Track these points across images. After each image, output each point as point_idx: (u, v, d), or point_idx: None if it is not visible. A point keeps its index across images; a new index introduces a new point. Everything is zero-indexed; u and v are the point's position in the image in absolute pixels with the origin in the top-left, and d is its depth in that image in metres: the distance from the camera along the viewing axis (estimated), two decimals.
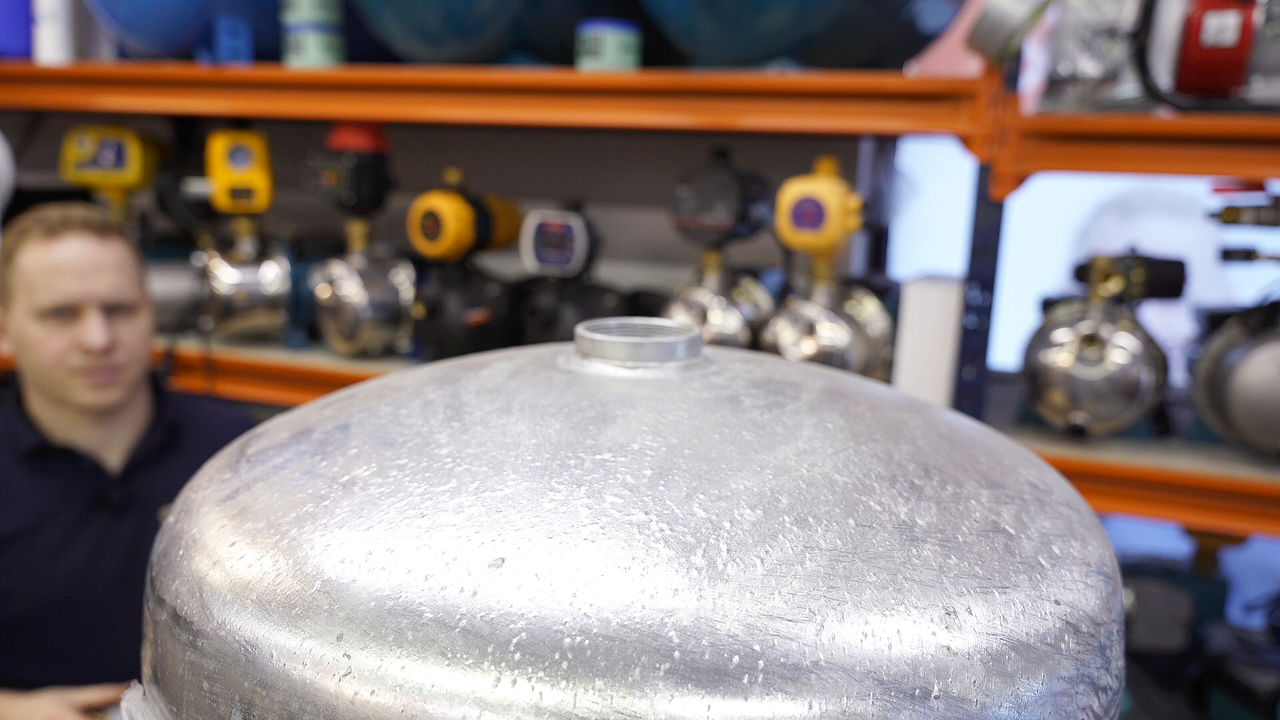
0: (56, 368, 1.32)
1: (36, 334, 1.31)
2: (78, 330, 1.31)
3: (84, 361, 1.31)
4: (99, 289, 1.32)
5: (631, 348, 0.54)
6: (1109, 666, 0.41)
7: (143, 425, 1.43)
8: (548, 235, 1.61)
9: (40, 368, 1.33)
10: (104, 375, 1.33)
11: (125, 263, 1.36)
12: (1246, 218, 1.31)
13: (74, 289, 1.30)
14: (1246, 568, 1.76)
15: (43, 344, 1.31)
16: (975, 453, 0.51)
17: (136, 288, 1.38)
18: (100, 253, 1.33)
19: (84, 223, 1.34)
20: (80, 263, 1.31)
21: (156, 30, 1.75)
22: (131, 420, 1.41)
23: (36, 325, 1.31)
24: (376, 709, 0.35)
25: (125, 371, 1.35)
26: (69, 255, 1.31)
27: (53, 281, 1.30)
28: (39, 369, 1.33)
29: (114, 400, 1.35)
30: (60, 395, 1.33)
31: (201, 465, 0.53)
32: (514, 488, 0.42)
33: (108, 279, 1.33)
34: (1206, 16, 1.21)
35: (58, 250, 1.31)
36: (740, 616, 0.36)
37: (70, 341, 1.31)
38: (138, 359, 1.37)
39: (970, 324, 1.38)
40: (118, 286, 1.33)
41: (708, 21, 1.41)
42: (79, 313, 1.31)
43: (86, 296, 1.31)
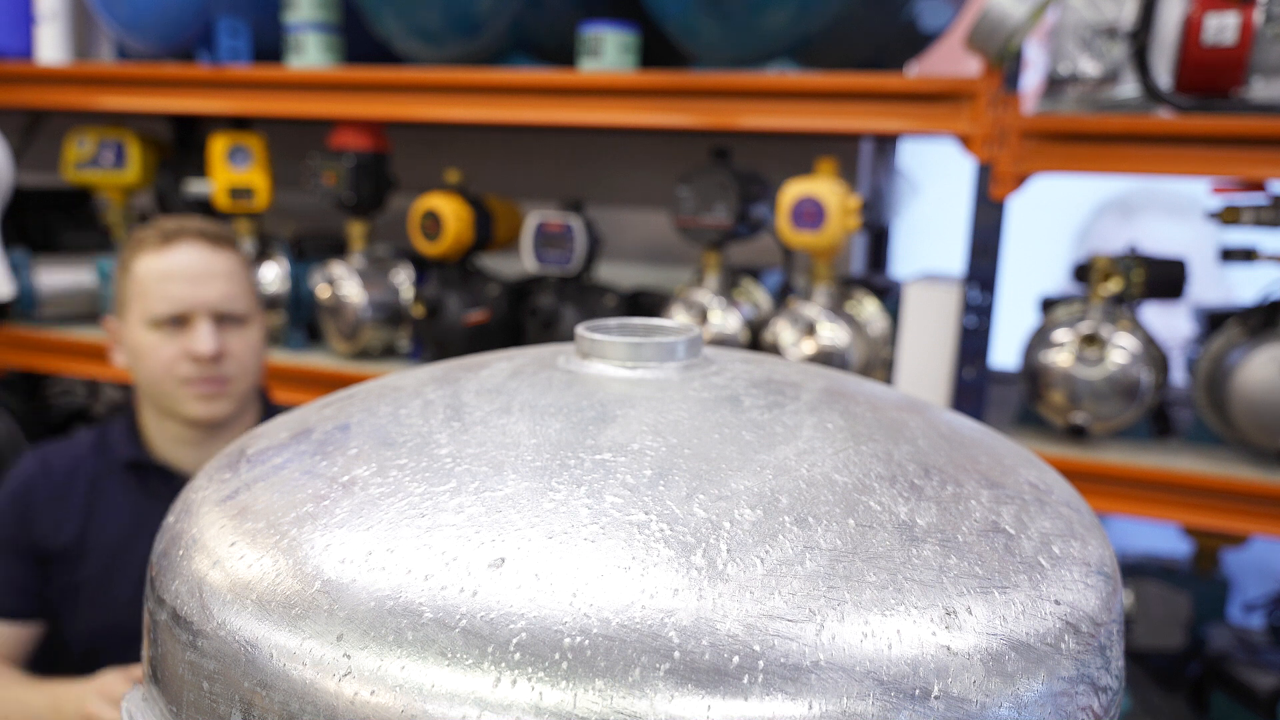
0: (166, 377, 1.30)
1: (149, 342, 1.31)
2: (187, 339, 1.30)
3: (193, 371, 1.30)
4: (209, 297, 1.31)
5: (631, 348, 0.54)
6: (1109, 666, 0.41)
7: None
8: (548, 235, 1.61)
9: (151, 377, 1.32)
10: (212, 385, 1.31)
11: (236, 272, 1.35)
12: (1246, 218, 1.31)
13: (184, 295, 1.30)
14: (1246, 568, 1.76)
15: (154, 352, 1.30)
16: (975, 453, 0.51)
17: (248, 299, 1.36)
18: (212, 261, 1.32)
19: (198, 231, 1.33)
20: (192, 270, 1.31)
21: (156, 30, 1.75)
22: (235, 439, 1.39)
23: (149, 334, 1.31)
24: (376, 709, 0.35)
25: (233, 384, 1.33)
26: (181, 262, 1.31)
27: (164, 288, 1.30)
28: (150, 379, 1.32)
29: (221, 413, 1.33)
30: (169, 407, 1.32)
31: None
32: (514, 488, 0.42)
33: (218, 287, 1.32)
34: (1206, 16, 1.21)
35: (170, 258, 1.31)
36: (740, 616, 0.36)
37: (180, 350, 1.30)
38: (247, 371, 1.35)
39: (970, 324, 1.38)
40: (228, 295, 1.32)
41: (708, 21, 1.41)
42: (189, 321, 1.31)
43: (196, 304, 1.30)
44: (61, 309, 1.98)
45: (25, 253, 1.95)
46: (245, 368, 1.35)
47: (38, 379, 2.19)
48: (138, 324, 1.31)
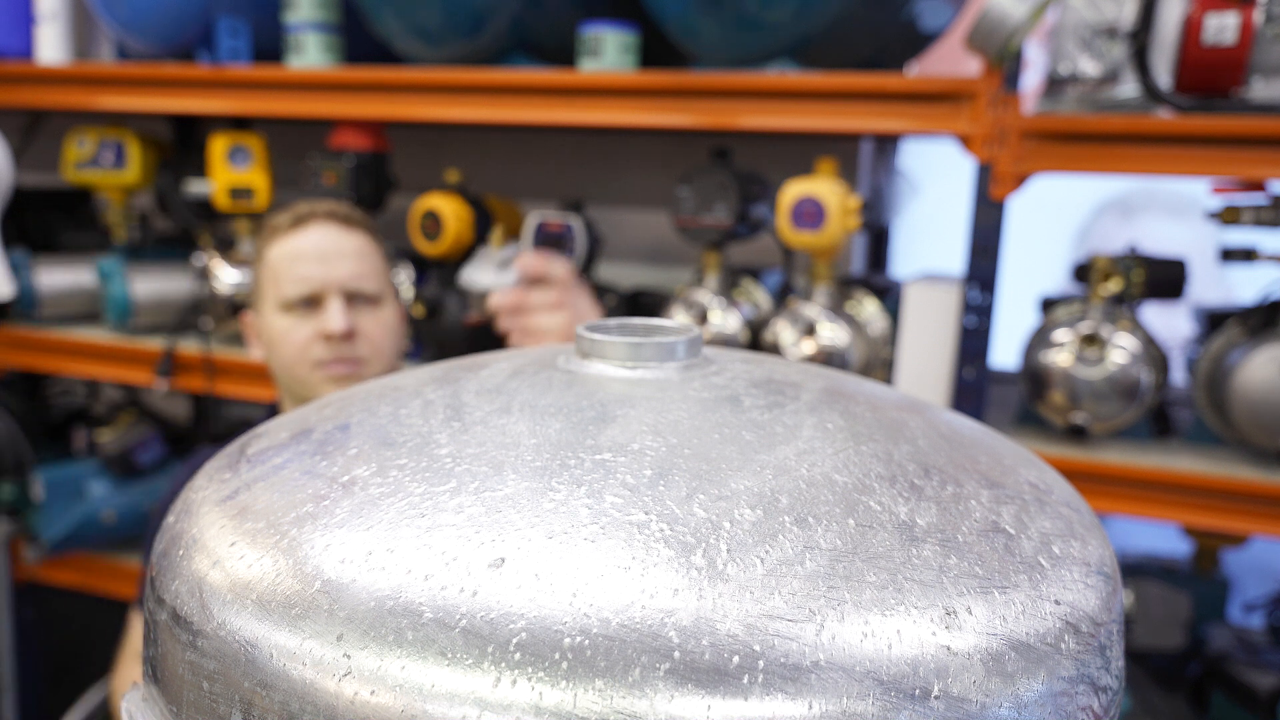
0: (300, 361, 1.30)
1: (282, 326, 1.30)
2: (320, 320, 1.29)
3: (326, 352, 1.29)
4: (338, 275, 1.30)
5: (631, 348, 0.54)
6: (1109, 667, 0.41)
7: None
8: (548, 235, 1.61)
9: (286, 363, 1.31)
10: (345, 366, 1.30)
11: (367, 252, 1.34)
12: (1246, 218, 1.31)
13: (314, 274, 1.29)
14: (1246, 568, 1.76)
15: (287, 336, 1.30)
16: (975, 453, 0.51)
17: (380, 279, 1.35)
18: (342, 240, 1.32)
19: (329, 213, 1.34)
20: (321, 248, 1.30)
21: (156, 30, 1.75)
22: None
23: (282, 318, 1.30)
24: (376, 709, 0.35)
25: (368, 365, 1.32)
26: (310, 242, 1.31)
27: (295, 269, 1.29)
28: (285, 365, 1.31)
29: None
30: (305, 393, 1.31)
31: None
32: (514, 488, 0.42)
33: (348, 265, 1.31)
34: (1206, 16, 1.21)
35: (301, 239, 1.31)
36: (740, 616, 0.36)
37: (313, 332, 1.29)
38: (381, 353, 1.34)
39: (970, 324, 1.38)
40: (358, 274, 1.31)
41: (708, 21, 1.41)
42: (321, 302, 1.30)
43: (327, 282, 1.29)
44: (61, 309, 1.98)
45: (25, 253, 1.95)
46: (379, 348, 1.33)
47: (38, 379, 2.19)
48: (271, 310, 1.31)
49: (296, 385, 1.31)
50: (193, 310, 1.86)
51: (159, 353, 1.80)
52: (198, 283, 1.84)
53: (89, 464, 1.98)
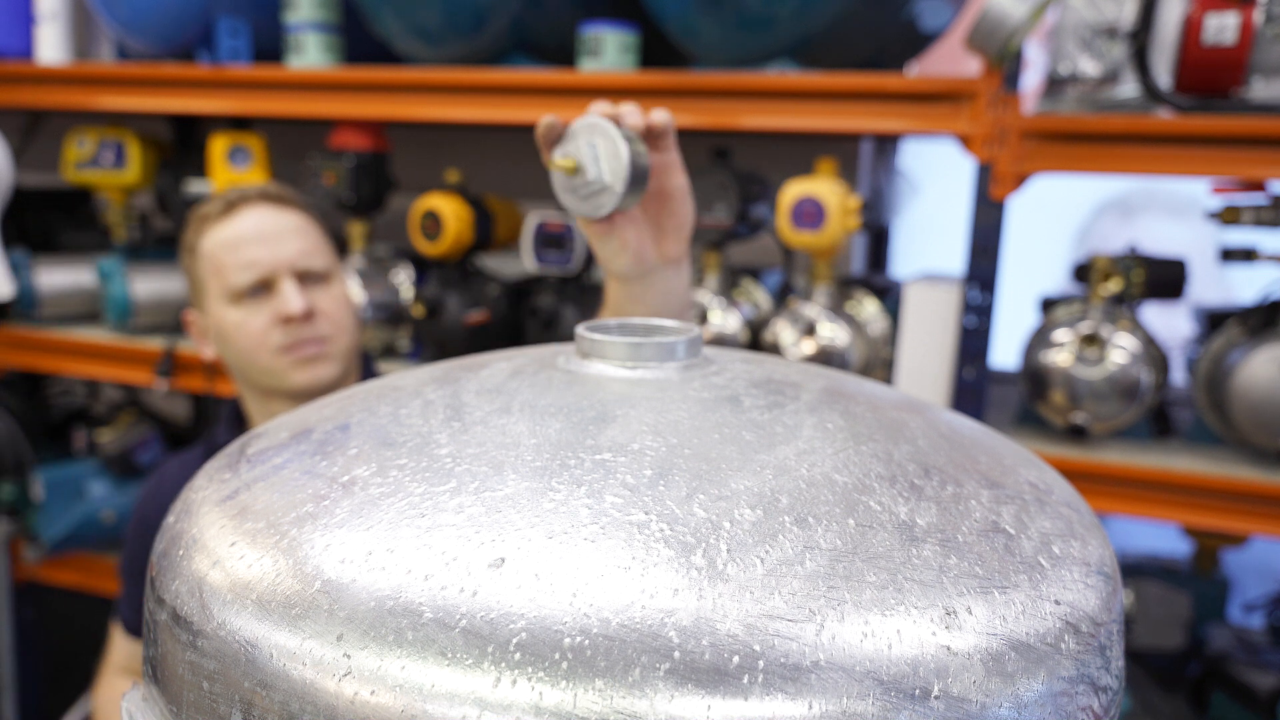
0: (260, 350, 1.24)
1: (234, 319, 1.24)
2: (274, 304, 1.23)
3: (286, 336, 1.23)
4: (286, 254, 1.24)
5: (631, 348, 0.54)
6: (1109, 666, 0.41)
7: None
8: (548, 235, 1.61)
9: (245, 357, 1.25)
10: (310, 347, 1.24)
11: (309, 229, 1.29)
12: (1246, 218, 1.31)
13: (261, 257, 1.23)
14: (1246, 568, 1.76)
15: (241, 327, 1.23)
16: (975, 453, 0.51)
17: (326, 254, 1.30)
18: (280, 219, 1.26)
19: (260, 194, 1.28)
20: (261, 230, 1.24)
21: (156, 30, 1.75)
22: None
23: (233, 310, 1.24)
24: (376, 709, 0.35)
25: (332, 343, 1.26)
26: (249, 225, 1.25)
27: (238, 255, 1.23)
28: (244, 358, 1.25)
29: (327, 376, 1.26)
30: (270, 384, 1.26)
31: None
32: (514, 488, 0.42)
33: (293, 243, 1.25)
34: (1206, 16, 1.21)
35: (237, 224, 1.25)
36: (740, 616, 0.36)
37: (269, 317, 1.23)
38: (343, 329, 1.28)
39: (970, 324, 1.38)
40: (304, 251, 1.26)
41: (708, 21, 1.41)
42: (272, 286, 1.24)
43: (276, 264, 1.23)
44: (61, 309, 1.98)
45: (25, 253, 1.95)
46: (339, 325, 1.28)
47: (38, 379, 2.19)
48: (219, 304, 1.25)
49: (262, 377, 1.26)
50: None
51: (159, 353, 1.80)
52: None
53: (89, 464, 1.98)
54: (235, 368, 1.29)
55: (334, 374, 1.27)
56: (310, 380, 1.25)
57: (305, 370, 1.24)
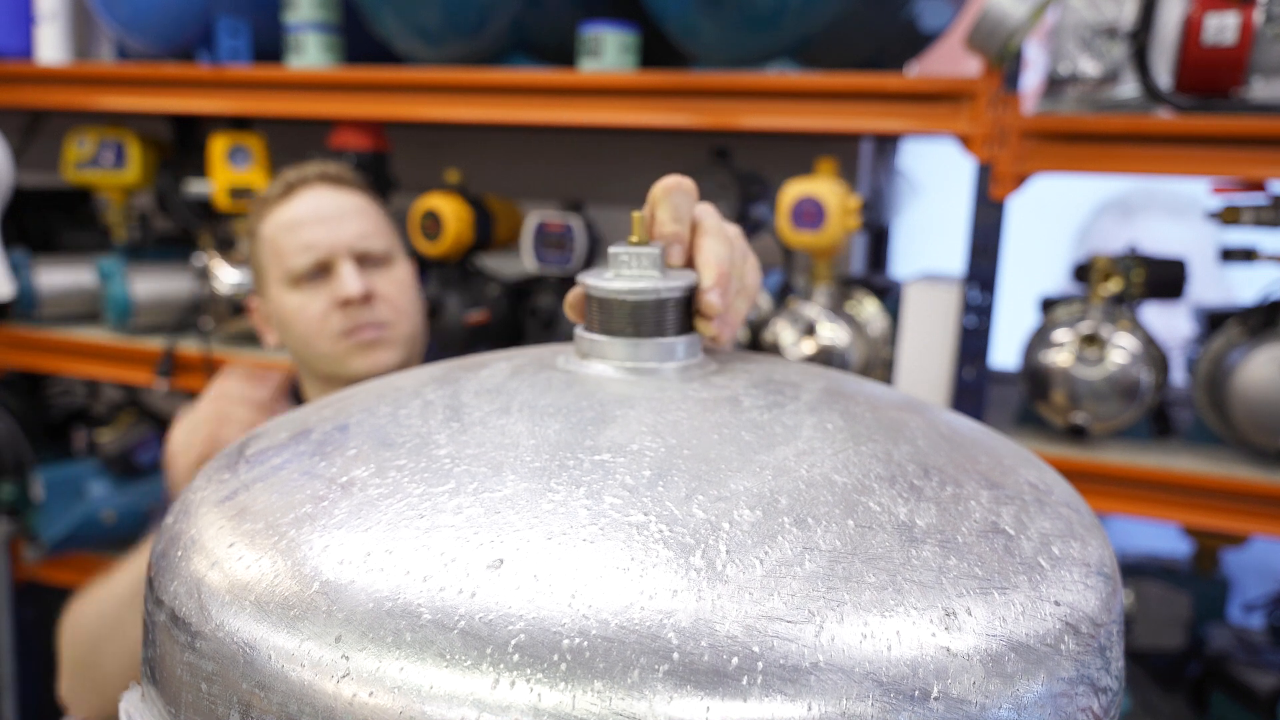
0: (320, 336, 1.21)
1: (294, 303, 1.21)
2: (332, 287, 1.20)
3: (345, 321, 1.20)
4: (345, 236, 1.21)
5: (631, 347, 0.54)
6: (1109, 667, 0.41)
7: None
8: (548, 235, 1.60)
9: (304, 341, 1.22)
10: (369, 331, 1.21)
11: (368, 210, 1.26)
12: (1246, 218, 1.31)
13: (319, 238, 1.20)
14: (1246, 568, 1.76)
15: (301, 312, 1.21)
16: (975, 453, 0.51)
17: (387, 237, 1.27)
18: (339, 200, 1.24)
19: (319, 175, 1.26)
20: (320, 211, 1.22)
21: (156, 30, 1.75)
22: None
23: (292, 295, 1.21)
24: (375, 710, 0.35)
25: (392, 328, 1.23)
26: (308, 207, 1.22)
27: (297, 237, 1.21)
28: (303, 344, 1.23)
29: (387, 363, 1.22)
30: (331, 370, 1.23)
31: None
32: (513, 489, 0.42)
33: (352, 225, 1.22)
34: (1206, 16, 1.20)
35: (297, 205, 1.23)
36: (739, 618, 0.35)
37: (328, 301, 1.20)
38: (402, 314, 1.25)
39: (970, 324, 1.38)
40: (364, 233, 1.23)
41: (708, 21, 1.41)
42: (330, 269, 1.21)
43: (334, 245, 1.21)
44: (61, 309, 1.98)
45: (25, 253, 1.95)
46: (400, 310, 1.24)
47: (38, 379, 2.19)
48: (279, 289, 1.22)
49: (322, 363, 1.22)
50: (193, 310, 1.86)
51: (159, 353, 1.80)
52: (198, 283, 1.83)
53: (89, 464, 1.98)
54: (296, 354, 1.26)
55: (394, 360, 1.23)
56: (370, 367, 1.21)
57: (364, 356, 1.21)
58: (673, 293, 0.54)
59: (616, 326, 0.54)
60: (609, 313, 0.54)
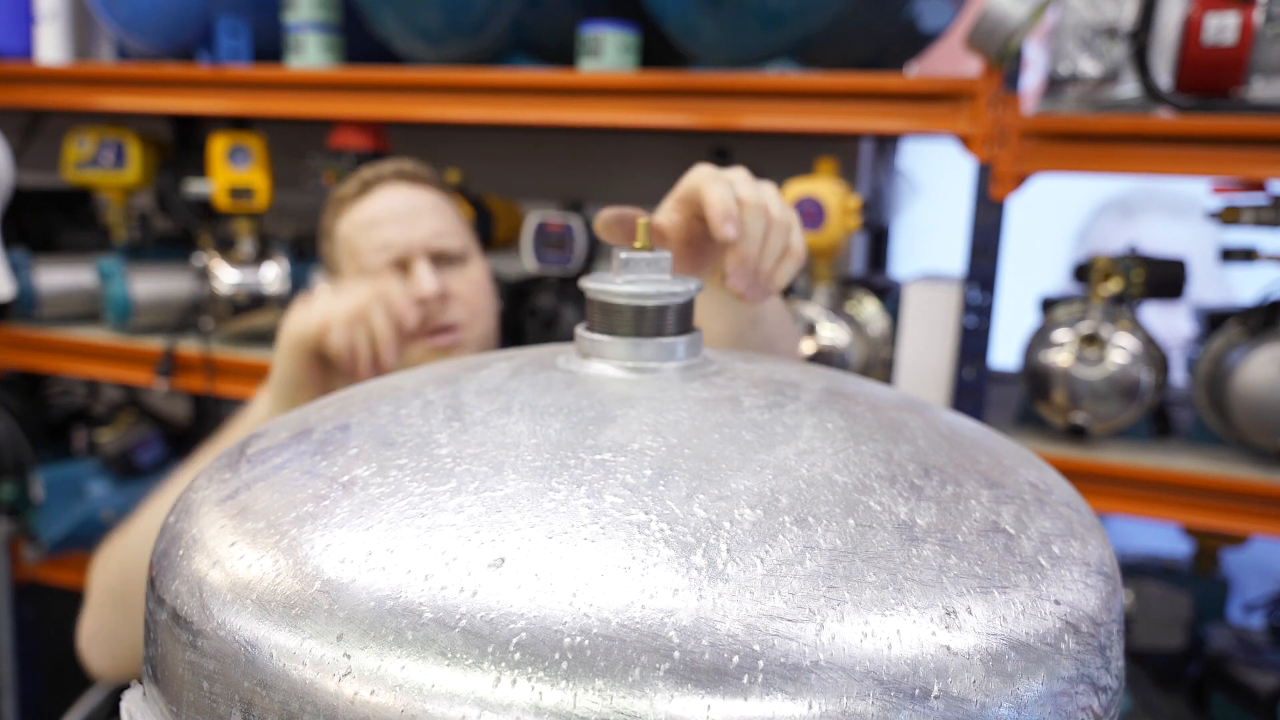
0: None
1: None
2: (408, 286, 1.18)
3: (420, 321, 1.17)
4: (420, 234, 1.20)
5: (631, 347, 0.54)
6: (1109, 666, 0.41)
7: None
8: (548, 235, 1.61)
9: None
10: (447, 336, 1.20)
11: (444, 208, 1.25)
12: (1246, 218, 1.31)
13: (395, 237, 1.19)
14: (1246, 568, 1.76)
15: None
16: (975, 453, 0.51)
17: (462, 235, 1.25)
18: (415, 198, 1.23)
19: (395, 172, 1.25)
20: (396, 209, 1.21)
21: (156, 30, 1.75)
22: None
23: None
24: (376, 709, 0.35)
25: (466, 329, 1.21)
26: (384, 206, 1.21)
27: (372, 236, 1.20)
28: None
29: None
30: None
31: None
32: (514, 488, 0.42)
33: (427, 223, 1.21)
34: (1206, 16, 1.21)
35: (372, 204, 1.22)
36: (740, 616, 0.36)
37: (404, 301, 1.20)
38: (477, 314, 1.23)
39: (970, 324, 1.38)
40: (439, 231, 1.21)
41: (708, 21, 1.41)
42: (406, 267, 1.19)
43: (410, 244, 1.19)
44: (61, 309, 1.98)
45: (25, 253, 1.95)
46: (474, 310, 1.22)
47: (38, 379, 2.19)
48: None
49: (396, 365, 1.21)
50: (193, 310, 1.86)
51: (159, 353, 1.80)
52: (198, 283, 1.83)
53: (89, 464, 1.98)
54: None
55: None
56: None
57: (439, 358, 1.20)
58: (678, 298, 0.54)
59: (618, 327, 0.54)
60: (613, 315, 0.54)
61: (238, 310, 1.81)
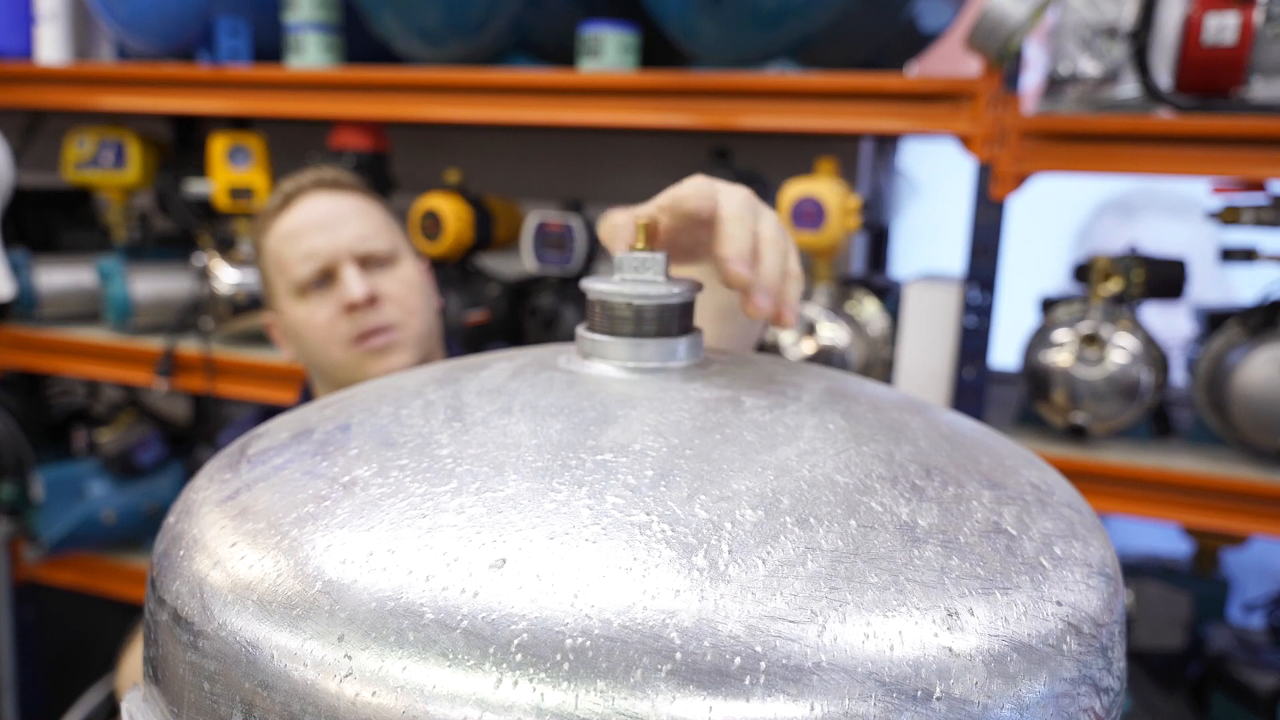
0: (330, 344, 1.19)
1: (302, 314, 1.20)
2: (338, 293, 1.19)
3: (352, 326, 1.18)
4: (344, 240, 1.19)
5: (632, 348, 0.54)
6: (1111, 667, 0.41)
7: None
8: (548, 235, 1.60)
9: (317, 352, 1.21)
10: (378, 338, 1.19)
11: (368, 210, 1.24)
12: (1246, 218, 1.31)
13: (319, 245, 1.19)
14: (1246, 568, 1.76)
15: (309, 321, 1.19)
16: (976, 453, 0.51)
17: (389, 235, 1.25)
18: (336, 204, 1.23)
19: (315, 182, 1.24)
20: (317, 218, 1.20)
21: (156, 30, 1.75)
22: None
23: (300, 305, 1.20)
24: (378, 710, 0.35)
25: (401, 329, 1.21)
26: (305, 215, 1.21)
27: (297, 247, 1.20)
28: (317, 355, 1.21)
29: (402, 366, 1.19)
30: (347, 379, 1.19)
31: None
32: (515, 488, 0.42)
33: (351, 228, 1.20)
34: (1206, 16, 1.20)
35: (294, 215, 1.21)
36: (742, 617, 0.36)
37: (334, 308, 1.18)
38: (411, 313, 1.22)
39: (970, 324, 1.38)
40: (363, 235, 1.21)
41: (708, 21, 1.41)
42: (334, 275, 1.19)
43: (335, 251, 1.19)
44: (61, 309, 1.98)
45: (25, 253, 1.95)
46: (408, 308, 1.22)
47: (38, 379, 2.19)
48: (287, 301, 1.22)
49: (338, 372, 1.21)
50: (193, 310, 1.86)
51: (159, 353, 1.80)
52: (198, 283, 1.83)
53: (89, 464, 1.98)
54: (311, 366, 1.25)
55: (409, 362, 1.22)
56: (384, 372, 1.19)
57: (378, 362, 1.19)
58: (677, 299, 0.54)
59: (619, 327, 0.54)
60: (614, 316, 0.54)
61: (238, 310, 1.81)
